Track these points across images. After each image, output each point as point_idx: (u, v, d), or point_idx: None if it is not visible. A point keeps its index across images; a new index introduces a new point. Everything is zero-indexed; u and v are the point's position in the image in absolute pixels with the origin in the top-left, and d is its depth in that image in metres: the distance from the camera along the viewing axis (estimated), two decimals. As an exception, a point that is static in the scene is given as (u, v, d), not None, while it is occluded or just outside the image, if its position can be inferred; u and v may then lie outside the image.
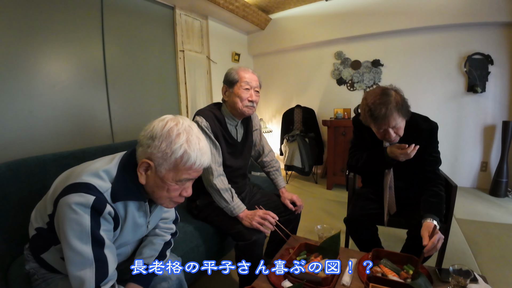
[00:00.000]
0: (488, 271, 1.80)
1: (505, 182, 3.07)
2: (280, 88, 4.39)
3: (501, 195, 3.08)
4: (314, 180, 3.78)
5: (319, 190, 3.46)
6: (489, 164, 3.35)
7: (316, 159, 3.68)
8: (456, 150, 3.46)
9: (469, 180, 3.47)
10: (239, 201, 1.38)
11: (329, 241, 1.26)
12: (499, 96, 3.23)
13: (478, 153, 3.39)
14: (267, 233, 1.34)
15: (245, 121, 1.57)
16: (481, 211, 2.75)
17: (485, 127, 3.33)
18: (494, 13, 3.00)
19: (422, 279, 1.02)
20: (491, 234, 2.29)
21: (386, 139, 1.36)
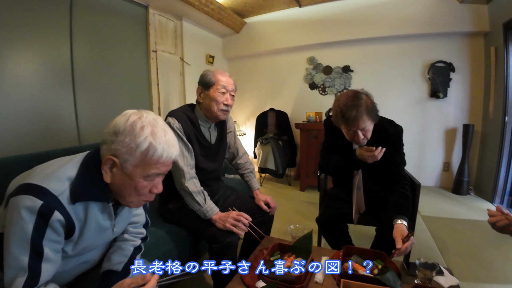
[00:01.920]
0: (454, 265, 1.92)
1: (466, 181, 3.29)
2: (254, 92, 4.43)
3: (463, 193, 3.30)
4: (288, 182, 3.84)
5: (293, 192, 3.51)
6: (451, 164, 3.58)
7: (289, 161, 3.74)
8: (420, 152, 3.66)
9: (433, 180, 3.69)
10: (212, 203, 1.37)
11: (302, 240, 1.27)
12: (460, 101, 3.48)
13: (441, 154, 3.62)
14: (240, 234, 1.33)
15: (219, 123, 1.56)
16: (445, 209, 2.94)
17: (447, 130, 3.56)
18: (456, 24, 3.25)
19: (390, 273, 1.06)
20: (455, 230, 2.45)
21: (354, 141, 1.41)
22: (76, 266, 0.91)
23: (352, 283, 1.01)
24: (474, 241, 2.24)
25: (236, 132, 1.78)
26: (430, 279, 1.09)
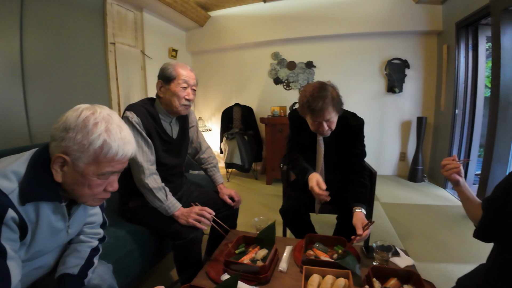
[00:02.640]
0: (411, 247, 2.05)
1: (420, 169, 3.55)
2: (219, 87, 4.38)
3: (418, 180, 3.55)
4: (254, 176, 3.86)
5: (259, 186, 3.54)
6: (407, 154, 3.84)
7: (255, 156, 3.76)
8: (379, 143, 3.88)
9: (390, 169, 3.93)
10: (174, 199, 1.33)
11: (265, 231, 1.29)
12: (414, 95, 3.72)
13: (397, 145, 3.86)
14: (204, 229, 1.31)
15: (181, 118, 1.51)
16: (401, 195, 3.14)
17: (403, 122, 3.79)
18: (412, 23, 3.46)
19: (350, 257, 1.11)
20: (411, 214, 2.63)
21: (319, 132, 1.44)
22: (30, 272, 0.84)
23: (313, 268, 1.05)
24: (429, 224, 2.41)
25: (199, 126, 1.75)
26: (387, 260, 1.16)
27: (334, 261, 1.12)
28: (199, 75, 1.49)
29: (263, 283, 1.09)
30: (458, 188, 1.11)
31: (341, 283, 0.96)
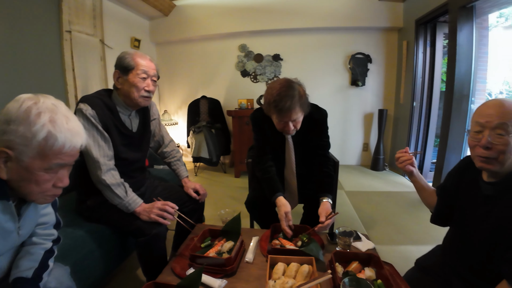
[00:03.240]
0: (373, 231, 2.17)
1: (382, 158, 3.74)
2: (186, 79, 4.26)
3: (380, 169, 3.75)
4: (223, 169, 3.83)
5: (228, 179, 3.53)
6: (369, 144, 4.03)
7: (223, 149, 3.73)
8: (344, 134, 4.02)
9: (354, 159, 4.11)
10: (135, 195, 1.27)
11: (231, 223, 1.28)
12: (376, 89, 3.89)
13: (361, 136, 4.04)
14: (168, 224, 1.27)
15: (141, 110, 1.44)
16: (365, 183, 3.30)
17: (365, 114, 3.96)
18: (375, 19, 3.59)
19: (313, 244, 1.14)
20: (374, 201, 2.77)
21: (285, 131, 1.42)
22: None
23: (278, 257, 1.06)
24: (390, 210, 2.56)
25: (164, 120, 1.68)
26: (349, 245, 1.20)
27: (299, 249, 1.14)
28: (164, 66, 1.43)
29: (230, 275, 1.09)
30: (413, 178, 1.18)
31: (305, 269, 0.99)
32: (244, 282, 1.05)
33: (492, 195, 0.92)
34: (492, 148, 0.84)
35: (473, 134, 0.90)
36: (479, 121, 0.87)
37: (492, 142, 0.84)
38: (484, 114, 0.86)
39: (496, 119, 0.83)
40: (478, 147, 0.88)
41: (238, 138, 3.47)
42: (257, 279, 1.05)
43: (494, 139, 0.83)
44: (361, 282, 0.84)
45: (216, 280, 1.02)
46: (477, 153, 0.89)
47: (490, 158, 0.85)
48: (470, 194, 1.01)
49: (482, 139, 0.85)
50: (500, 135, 0.82)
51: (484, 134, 0.85)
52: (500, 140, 0.82)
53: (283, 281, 0.92)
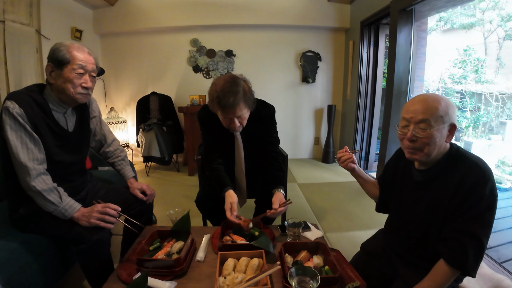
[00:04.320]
0: (324, 220, 2.28)
1: (332, 151, 3.94)
2: (134, 74, 4.01)
3: (330, 161, 3.96)
4: (176, 168, 3.71)
5: (181, 178, 3.43)
6: (320, 138, 4.21)
7: (176, 147, 3.61)
8: (295, 130, 4.16)
9: (306, 153, 4.27)
10: (71, 199, 1.17)
11: (180, 223, 1.24)
12: (325, 85, 4.07)
13: (312, 131, 4.20)
14: (110, 228, 1.19)
15: (79, 108, 1.32)
16: (316, 175, 3.45)
17: (316, 110, 4.13)
18: (324, 19, 3.74)
19: (263, 238, 1.16)
20: (325, 192, 2.91)
21: (231, 128, 1.40)
22: None
23: (228, 253, 1.05)
24: (339, 199, 2.71)
25: (108, 117, 1.56)
26: (298, 235, 1.24)
27: (249, 243, 1.14)
28: (109, 60, 1.32)
29: (180, 276, 1.06)
30: (355, 174, 1.26)
31: (255, 263, 0.99)
32: (195, 281, 1.03)
33: (422, 181, 1.01)
34: (417, 141, 0.92)
35: (401, 129, 0.98)
36: (405, 116, 0.96)
37: (416, 135, 0.92)
38: (409, 110, 0.94)
39: (419, 115, 0.91)
40: (405, 140, 0.96)
41: (191, 136, 3.38)
42: (208, 277, 1.04)
43: (418, 132, 0.91)
44: (307, 270, 0.87)
45: (165, 282, 0.98)
46: (404, 145, 0.98)
47: (416, 149, 0.94)
48: (404, 181, 1.10)
49: (408, 133, 0.94)
50: (423, 129, 0.91)
51: (410, 128, 0.93)
52: (423, 133, 0.91)
53: (233, 277, 0.92)
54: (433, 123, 0.89)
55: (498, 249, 1.82)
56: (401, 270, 1.07)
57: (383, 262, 1.15)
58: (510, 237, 1.94)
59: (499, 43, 4.29)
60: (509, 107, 4.01)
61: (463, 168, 0.92)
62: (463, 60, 4.44)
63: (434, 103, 0.90)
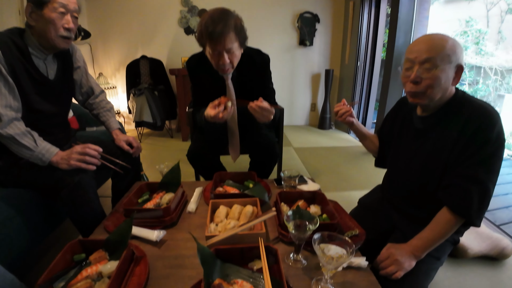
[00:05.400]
0: (319, 180, 2.26)
1: (328, 117, 3.86)
2: (122, 37, 3.78)
3: (326, 127, 3.89)
4: (170, 135, 3.62)
5: (175, 143, 3.34)
6: (317, 104, 4.11)
7: (168, 112, 3.49)
8: (291, 95, 4.03)
9: (303, 119, 4.18)
10: (47, 143, 1.08)
11: (170, 174, 1.18)
12: (323, 49, 3.89)
13: (308, 97, 4.08)
14: (91, 169, 1.11)
15: (60, 56, 1.21)
16: (312, 140, 3.40)
17: (313, 75, 3.99)
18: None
19: (258, 187, 1.10)
20: (320, 155, 2.88)
21: (220, 67, 1.29)
22: None
23: (220, 201, 0.99)
24: (335, 162, 2.68)
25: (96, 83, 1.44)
26: (294, 186, 1.19)
27: (242, 192, 1.09)
28: (96, 23, 1.20)
29: (169, 226, 1.00)
30: (354, 128, 1.19)
31: (249, 210, 0.94)
32: (185, 232, 0.98)
33: (424, 129, 0.96)
34: (421, 83, 0.85)
35: (404, 72, 0.91)
36: (409, 57, 0.88)
37: (420, 76, 0.85)
38: (414, 50, 0.87)
39: (424, 54, 0.83)
40: (408, 83, 0.89)
41: (184, 100, 3.25)
42: (200, 227, 0.99)
43: (422, 73, 0.84)
44: (305, 214, 0.82)
45: (154, 231, 0.93)
46: (407, 88, 0.91)
47: (419, 93, 0.87)
48: (404, 131, 1.05)
49: (412, 75, 0.86)
50: (429, 69, 0.83)
51: (414, 69, 0.86)
52: (428, 74, 0.84)
53: (225, 223, 0.86)
54: (438, 62, 0.82)
55: (494, 212, 1.82)
56: (398, 222, 1.04)
57: (381, 215, 1.12)
58: (505, 202, 1.96)
59: (501, 16, 4.16)
60: (507, 81, 3.94)
61: (468, 112, 0.86)
62: (464, 31, 4.29)
63: (441, 41, 0.83)
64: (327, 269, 0.69)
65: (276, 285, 0.65)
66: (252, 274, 0.74)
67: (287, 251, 0.87)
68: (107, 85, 3.60)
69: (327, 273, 0.70)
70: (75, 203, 1.07)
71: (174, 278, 0.78)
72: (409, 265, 0.85)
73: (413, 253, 0.87)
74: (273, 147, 1.46)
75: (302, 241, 0.79)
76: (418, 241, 0.88)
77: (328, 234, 0.74)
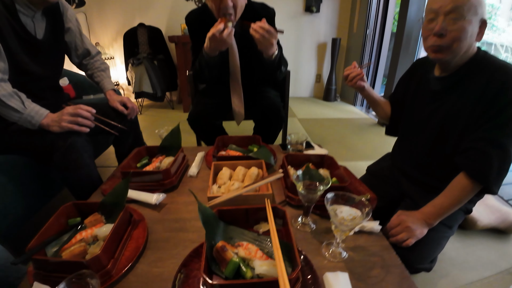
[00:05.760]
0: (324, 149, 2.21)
1: (334, 89, 3.73)
2: (118, 5, 3.58)
3: (331, 99, 3.76)
4: (171, 106, 3.52)
5: (177, 115, 3.25)
6: (322, 75, 3.95)
7: (169, 83, 3.37)
8: (296, 65, 3.87)
9: (307, 91, 4.04)
10: (36, 105, 1.01)
11: (170, 137, 1.11)
12: (330, 16, 3.68)
13: (314, 67, 3.92)
14: (84, 131, 1.04)
15: (50, 13, 1.12)
16: (317, 112, 3.31)
17: (319, 44, 3.80)
18: None
19: (263, 149, 1.03)
20: (326, 126, 2.81)
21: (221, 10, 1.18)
22: None
23: (223, 163, 0.93)
24: (341, 133, 2.61)
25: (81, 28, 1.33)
26: (301, 150, 1.12)
27: (246, 155, 1.02)
28: None
29: (169, 190, 0.95)
30: (365, 93, 1.11)
31: (254, 172, 0.87)
32: (186, 195, 0.93)
33: (441, 90, 0.89)
34: (446, 36, 0.77)
35: (426, 24, 0.82)
36: (432, 7, 0.79)
37: (445, 28, 0.76)
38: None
39: (450, 3, 0.74)
40: (431, 37, 0.80)
41: (184, 69, 3.12)
42: (201, 190, 0.93)
43: (448, 24, 0.76)
44: (315, 174, 0.75)
45: (153, 194, 0.87)
46: (429, 43, 0.82)
47: (443, 47, 0.79)
48: (419, 93, 0.98)
49: (436, 26, 0.77)
50: (455, 20, 0.75)
51: (438, 20, 0.77)
52: (454, 26, 0.75)
53: (229, 184, 0.80)
54: (465, 12, 0.73)
55: (502, 187, 1.78)
56: (409, 190, 1.00)
57: (390, 183, 1.08)
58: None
59: (515, -9, 3.91)
60: (518, 59, 3.79)
61: (490, 72, 0.78)
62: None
63: None
64: (340, 230, 0.63)
65: (285, 248, 0.60)
66: (258, 236, 0.69)
67: (295, 214, 0.82)
68: (105, 56, 3.47)
69: (339, 235, 0.65)
70: (68, 167, 1.01)
71: (174, 241, 0.73)
72: (421, 232, 0.81)
73: (426, 220, 0.83)
74: (279, 110, 1.38)
75: (311, 202, 0.73)
76: (431, 208, 0.84)
77: (342, 194, 0.68)
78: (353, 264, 0.67)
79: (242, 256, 0.59)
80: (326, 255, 0.68)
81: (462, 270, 1.11)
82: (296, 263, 0.53)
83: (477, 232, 1.30)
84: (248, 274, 0.56)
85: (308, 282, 0.59)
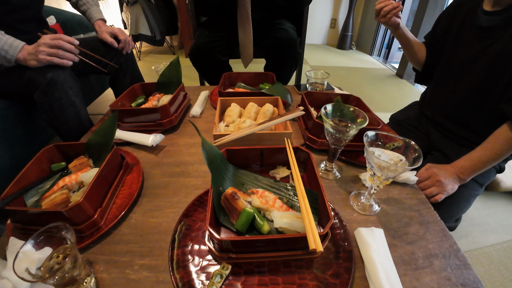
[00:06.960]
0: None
1: (350, 35, 3.40)
2: None
3: (346, 48, 3.45)
4: (172, 52, 3.27)
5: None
6: (338, 20, 3.58)
7: (168, 25, 3.08)
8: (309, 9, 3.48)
9: (320, 38, 3.71)
10: (10, 37, 0.83)
11: (168, 71, 0.95)
12: None
13: (329, 11, 3.53)
14: (67, 64, 0.87)
15: None
16: (330, 60, 3.06)
17: (335, -18, 3.39)
18: None
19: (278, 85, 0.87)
20: (339, 75, 2.60)
21: None
22: None
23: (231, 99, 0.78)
24: (356, 82, 2.42)
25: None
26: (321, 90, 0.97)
27: (258, 91, 0.86)
28: None
29: (169, 131, 0.82)
30: (399, 33, 0.93)
31: (268, 109, 0.72)
32: (188, 136, 0.79)
33: (492, 27, 0.73)
34: None
35: None
36: None
37: None
38: None
39: None
40: None
41: (186, 11, 2.81)
42: (206, 132, 0.80)
43: None
44: (347, 111, 0.61)
45: (149, 135, 0.74)
46: None
47: None
48: (464, 31, 0.81)
49: None
50: None
51: None
52: None
53: (239, 122, 0.66)
54: None
55: None
56: (439, 142, 0.87)
57: (416, 132, 0.96)
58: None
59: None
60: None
61: None
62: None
63: None
64: (381, 178, 0.51)
65: (311, 197, 0.48)
66: (275, 183, 0.57)
67: (316, 160, 0.69)
68: (98, -7, 3.13)
69: (379, 184, 0.52)
70: (52, 107, 0.86)
71: (173, 187, 0.61)
72: (452, 188, 0.71)
73: (459, 175, 0.72)
74: (295, 44, 1.19)
75: (339, 146, 0.60)
76: (466, 162, 0.72)
77: (385, 135, 0.54)
78: (387, 218, 0.55)
79: (257, 206, 0.48)
80: (355, 208, 0.57)
81: (482, 231, 1.05)
82: (327, 215, 0.41)
83: (498, 194, 1.23)
84: (265, 227, 0.45)
85: (337, 238, 0.48)
